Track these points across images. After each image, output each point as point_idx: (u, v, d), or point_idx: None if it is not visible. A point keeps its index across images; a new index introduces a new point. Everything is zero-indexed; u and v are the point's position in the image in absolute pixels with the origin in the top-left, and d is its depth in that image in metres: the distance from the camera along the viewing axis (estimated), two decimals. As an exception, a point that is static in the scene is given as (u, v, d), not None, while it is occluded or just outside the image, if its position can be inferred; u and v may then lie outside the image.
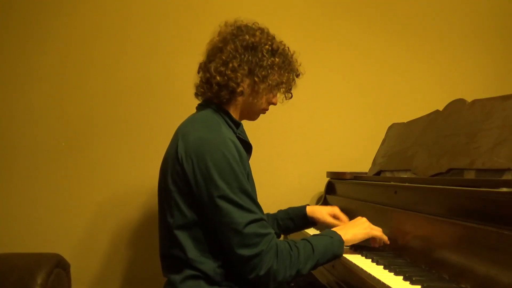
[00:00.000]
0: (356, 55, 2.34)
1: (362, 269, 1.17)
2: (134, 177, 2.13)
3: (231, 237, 1.14)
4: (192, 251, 1.21)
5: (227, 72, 1.28)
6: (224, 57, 1.29)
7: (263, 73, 1.30)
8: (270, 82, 1.31)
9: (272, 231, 1.18)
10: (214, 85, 1.30)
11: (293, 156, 2.27)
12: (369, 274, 1.12)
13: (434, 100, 1.74)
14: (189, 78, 1.46)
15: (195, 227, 1.21)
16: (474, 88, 2.35)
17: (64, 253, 1.75)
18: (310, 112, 2.29)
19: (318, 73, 2.24)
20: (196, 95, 1.41)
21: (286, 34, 1.45)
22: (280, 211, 1.63)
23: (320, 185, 2.22)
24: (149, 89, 2.17)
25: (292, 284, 1.45)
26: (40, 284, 1.54)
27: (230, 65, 1.28)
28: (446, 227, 1.10)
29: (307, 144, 2.29)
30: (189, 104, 1.47)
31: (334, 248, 1.24)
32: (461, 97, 1.45)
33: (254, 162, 1.46)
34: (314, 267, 1.21)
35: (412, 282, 1.02)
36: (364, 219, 1.37)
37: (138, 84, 2.17)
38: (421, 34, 2.39)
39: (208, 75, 1.32)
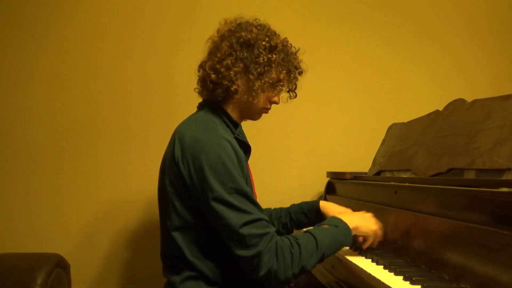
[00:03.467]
0: (356, 55, 2.34)
1: (362, 269, 1.17)
2: (135, 178, 2.13)
3: (229, 239, 1.14)
4: (190, 252, 1.21)
5: (221, 70, 1.26)
6: (219, 55, 1.28)
7: (258, 70, 1.26)
8: (266, 79, 1.28)
9: (272, 230, 1.15)
10: (208, 83, 1.29)
11: (293, 156, 2.27)
12: (369, 274, 1.12)
13: (434, 100, 1.74)
14: (190, 77, 1.46)
15: (192, 228, 1.21)
16: (474, 88, 2.35)
17: (64, 253, 1.75)
18: (310, 112, 2.28)
19: (318, 73, 2.23)
20: (199, 92, 1.40)
21: (286, 34, 1.45)
22: (293, 206, 1.60)
23: (320, 185, 2.22)
24: (150, 89, 2.17)
25: (292, 284, 1.45)
26: (40, 284, 1.54)
27: (225, 62, 1.26)
28: (446, 227, 1.10)
29: (307, 144, 2.29)
30: (191, 104, 1.47)
31: (341, 238, 1.22)
32: (461, 97, 1.45)
33: (254, 162, 1.46)
34: (321, 260, 1.18)
35: (412, 282, 1.02)
36: (375, 220, 1.35)
37: (138, 83, 2.17)
38: (421, 34, 2.39)
39: (204, 73, 1.31)
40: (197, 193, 1.17)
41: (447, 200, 1.16)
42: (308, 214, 1.55)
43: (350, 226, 1.25)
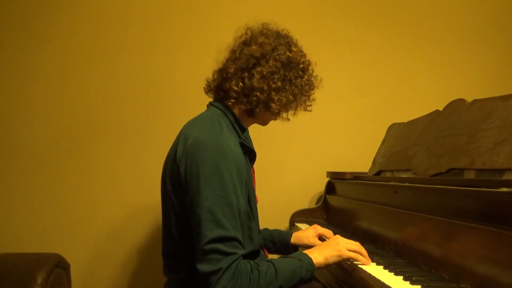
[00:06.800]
0: (356, 55, 2.35)
1: (362, 269, 1.17)
2: (134, 177, 2.13)
3: (196, 247, 1.12)
4: (189, 251, 1.20)
5: (270, 93, 1.28)
6: (265, 72, 1.28)
7: (295, 91, 1.33)
8: (299, 98, 1.36)
9: (240, 252, 1.13)
10: (253, 101, 1.28)
11: (293, 156, 2.27)
12: (369, 274, 1.12)
13: (434, 100, 1.74)
14: (190, 78, 1.46)
15: (190, 227, 1.21)
16: (474, 88, 2.35)
17: (64, 253, 1.75)
18: (310, 112, 2.28)
19: (318, 73, 2.23)
20: (207, 89, 1.38)
21: (286, 34, 1.45)
22: (265, 230, 1.59)
23: (320, 185, 2.22)
24: (150, 88, 2.17)
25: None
26: (40, 284, 1.54)
27: (273, 85, 1.28)
28: (446, 227, 1.10)
29: (307, 144, 2.29)
30: (191, 103, 1.47)
31: (302, 273, 1.18)
32: (461, 97, 1.45)
33: (256, 162, 1.46)
34: None
35: (412, 282, 1.02)
36: (340, 239, 1.27)
37: (139, 83, 2.17)
38: (422, 34, 2.40)
39: (243, 85, 1.28)
40: (188, 194, 1.16)
41: (447, 200, 1.16)
42: (276, 243, 1.55)
43: (315, 261, 1.22)
